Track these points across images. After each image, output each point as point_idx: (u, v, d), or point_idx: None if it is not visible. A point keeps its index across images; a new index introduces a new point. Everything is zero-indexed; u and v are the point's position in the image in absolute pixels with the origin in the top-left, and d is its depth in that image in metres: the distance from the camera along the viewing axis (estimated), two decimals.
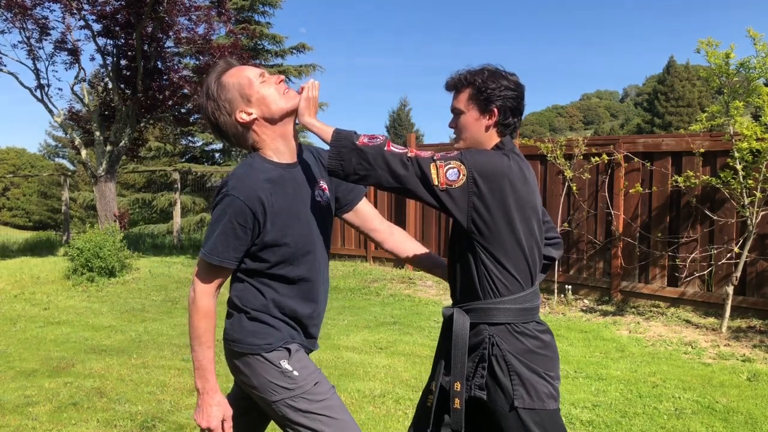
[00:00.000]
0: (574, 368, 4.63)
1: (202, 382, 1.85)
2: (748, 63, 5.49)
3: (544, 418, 1.82)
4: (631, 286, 6.76)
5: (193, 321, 1.84)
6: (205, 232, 1.83)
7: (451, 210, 1.82)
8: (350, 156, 1.79)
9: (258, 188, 1.81)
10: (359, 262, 9.43)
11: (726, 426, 3.58)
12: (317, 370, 1.92)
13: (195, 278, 1.86)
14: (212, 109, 1.91)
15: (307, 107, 1.89)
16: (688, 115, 42.86)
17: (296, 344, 1.92)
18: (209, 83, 1.92)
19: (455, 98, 1.97)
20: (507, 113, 1.93)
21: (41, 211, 45.21)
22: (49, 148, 52.48)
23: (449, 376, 1.89)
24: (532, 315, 1.89)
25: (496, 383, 1.84)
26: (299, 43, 22.78)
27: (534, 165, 7.66)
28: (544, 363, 1.86)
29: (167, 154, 23.07)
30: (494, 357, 1.84)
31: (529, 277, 1.89)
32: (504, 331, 1.85)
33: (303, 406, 1.84)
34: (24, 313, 6.64)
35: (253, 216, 1.80)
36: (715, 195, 6.16)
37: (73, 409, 3.84)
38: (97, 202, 10.88)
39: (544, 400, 1.82)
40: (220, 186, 1.85)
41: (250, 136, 1.91)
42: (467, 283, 1.89)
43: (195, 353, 1.85)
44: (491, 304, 1.85)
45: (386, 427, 3.56)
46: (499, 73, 1.94)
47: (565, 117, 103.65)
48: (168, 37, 10.77)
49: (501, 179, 1.81)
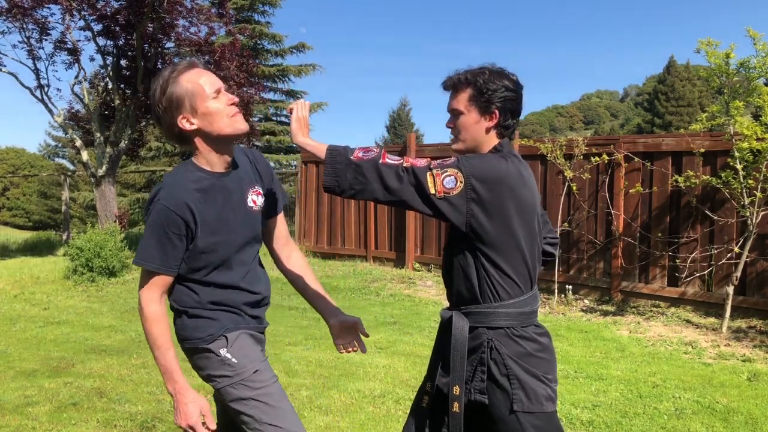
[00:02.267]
0: (574, 368, 4.62)
1: (172, 384, 1.88)
2: (748, 63, 5.49)
3: (543, 421, 1.82)
4: (632, 286, 6.75)
5: (146, 328, 1.88)
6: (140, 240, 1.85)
7: (449, 217, 1.80)
8: (345, 172, 1.78)
9: (187, 197, 1.84)
10: (359, 261, 9.43)
11: (726, 426, 3.58)
12: (260, 359, 1.95)
13: (140, 289, 1.89)
14: (158, 100, 1.89)
15: (300, 128, 1.90)
16: (689, 115, 42.82)
17: (238, 331, 1.95)
18: (165, 76, 1.89)
19: (454, 98, 1.94)
20: (507, 115, 1.91)
21: (41, 211, 45.18)
22: (49, 148, 52.48)
23: (446, 377, 1.89)
24: (531, 318, 1.89)
25: (495, 387, 1.84)
26: (299, 43, 22.78)
27: (534, 165, 7.66)
28: (543, 366, 1.86)
29: (167, 154, 23.06)
30: (493, 361, 1.84)
31: (529, 281, 1.89)
32: (503, 334, 1.85)
33: (243, 393, 1.88)
34: (24, 313, 6.63)
35: (184, 224, 1.84)
36: (715, 195, 6.16)
37: (73, 409, 3.84)
38: (97, 202, 10.87)
39: (542, 403, 1.82)
40: (152, 194, 1.88)
41: (192, 141, 1.92)
42: (466, 286, 1.88)
43: (157, 359, 1.88)
44: (491, 308, 1.85)
45: (386, 427, 3.56)
46: (500, 73, 1.91)
47: (565, 117, 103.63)
48: (168, 38, 10.77)
49: (499, 184, 1.80)
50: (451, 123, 1.96)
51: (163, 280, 1.88)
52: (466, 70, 1.94)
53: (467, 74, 1.92)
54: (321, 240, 10.30)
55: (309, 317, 6.34)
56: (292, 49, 22.65)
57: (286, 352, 4.97)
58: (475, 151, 1.93)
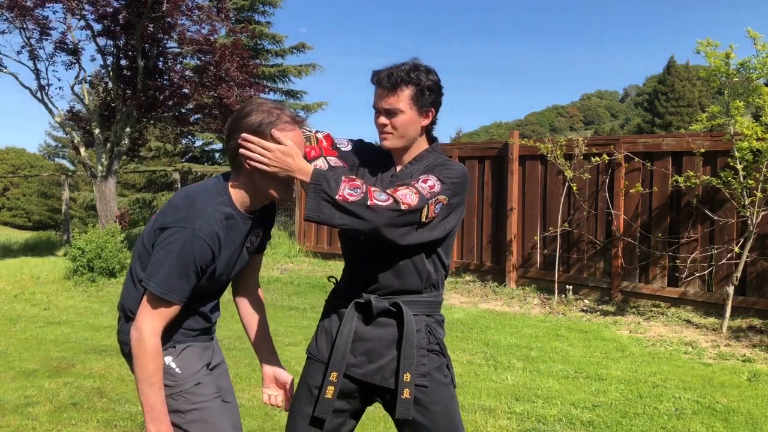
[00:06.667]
0: (574, 368, 4.62)
1: (157, 425, 1.74)
2: (748, 63, 5.49)
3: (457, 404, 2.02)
4: (632, 286, 6.75)
5: (142, 362, 1.73)
6: (154, 261, 1.78)
7: (428, 239, 1.82)
8: (330, 210, 1.68)
9: (220, 233, 1.78)
10: None
11: (726, 426, 3.58)
12: (204, 372, 1.91)
13: (143, 316, 1.75)
14: (238, 125, 1.78)
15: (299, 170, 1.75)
16: (689, 115, 42.83)
17: (186, 344, 1.91)
18: (271, 110, 1.78)
19: (393, 96, 1.87)
20: (437, 113, 1.96)
21: (41, 211, 45.20)
22: (49, 148, 52.52)
23: (373, 364, 1.95)
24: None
25: (435, 370, 1.99)
26: (299, 43, 22.75)
27: (534, 165, 7.66)
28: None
29: (167, 154, 23.06)
30: (437, 345, 1.97)
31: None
32: (434, 321, 1.98)
33: (181, 406, 1.84)
34: (24, 313, 6.63)
35: (212, 257, 1.79)
36: (715, 195, 6.16)
37: (73, 409, 3.84)
38: (98, 202, 10.88)
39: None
40: (178, 216, 1.76)
41: (240, 174, 1.83)
42: (414, 279, 1.93)
43: (145, 397, 1.74)
44: (432, 297, 1.96)
45: (386, 427, 3.56)
46: (431, 70, 1.91)
47: (565, 117, 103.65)
48: (170, 38, 10.77)
49: (463, 188, 1.89)
50: (385, 120, 1.90)
51: (174, 312, 1.78)
52: (400, 67, 1.89)
53: (408, 72, 1.87)
54: (321, 240, 10.30)
55: (309, 317, 6.33)
56: (292, 49, 22.64)
57: (286, 352, 4.96)
58: (407, 149, 1.96)
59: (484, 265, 8.16)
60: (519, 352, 5.06)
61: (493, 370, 4.61)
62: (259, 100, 1.82)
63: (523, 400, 3.97)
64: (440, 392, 1.92)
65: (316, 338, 2.04)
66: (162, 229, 1.77)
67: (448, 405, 1.94)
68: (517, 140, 7.77)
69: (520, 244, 7.81)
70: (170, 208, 1.81)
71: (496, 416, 3.71)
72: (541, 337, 5.53)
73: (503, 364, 4.75)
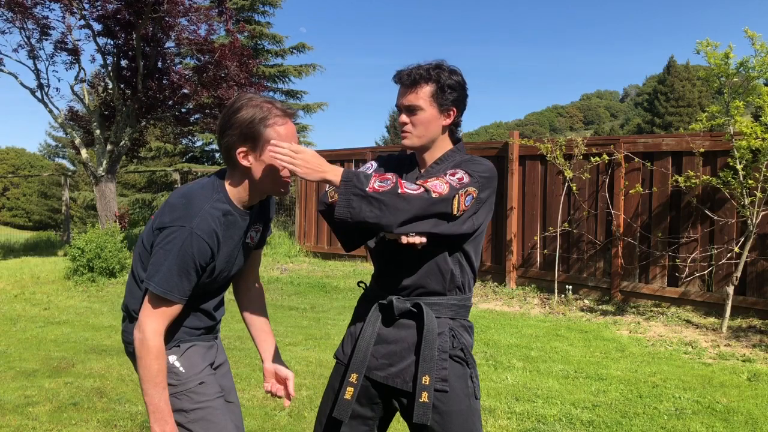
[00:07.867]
0: (574, 368, 4.63)
1: (161, 425, 1.74)
2: (748, 63, 5.49)
3: (479, 413, 1.93)
4: (632, 286, 6.76)
5: (146, 362, 1.72)
6: (153, 261, 1.77)
7: (457, 232, 1.77)
8: (360, 204, 1.65)
9: (218, 229, 1.78)
10: (359, 262, 9.43)
11: (726, 426, 3.58)
12: (207, 372, 1.92)
13: (145, 317, 1.75)
14: (230, 122, 1.79)
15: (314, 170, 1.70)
16: (688, 115, 42.87)
17: (191, 342, 1.92)
18: (261, 105, 1.78)
19: (413, 93, 1.86)
20: (460, 113, 1.92)
21: (41, 211, 45.22)
22: (49, 148, 52.53)
23: (394, 367, 1.91)
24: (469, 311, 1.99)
25: (456, 377, 1.94)
26: (299, 43, 22.78)
27: (534, 165, 7.66)
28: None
29: (167, 154, 23.07)
30: (460, 350, 1.91)
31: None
32: (460, 326, 1.92)
33: (185, 405, 1.84)
34: (24, 313, 6.63)
35: (211, 255, 1.79)
36: (715, 195, 6.16)
37: (73, 409, 3.84)
38: (98, 202, 10.88)
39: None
40: (176, 216, 1.75)
41: (236, 171, 1.83)
42: (438, 280, 1.88)
43: (150, 397, 1.73)
44: (457, 300, 1.90)
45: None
46: (455, 71, 1.90)
47: (565, 117, 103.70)
48: (168, 38, 10.77)
49: (491, 182, 1.84)
50: (407, 118, 1.88)
51: (176, 311, 1.78)
52: (422, 65, 1.88)
53: (428, 70, 1.86)
54: (321, 240, 10.30)
55: (309, 317, 6.34)
56: (292, 49, 22.66)
57: (286, 352, 4.97)
58: (427, 148, 1.92)
59: (484, 265, 8.16)
60: (519, 352, 5.06)
61: (493, 369, 4.61)
62: (248, 95, 1.82)
63: (523, 400, 3.97)
64: (461, 403, 1.84)
65: (342, 342, 2.03)
66: (160, 228, 1.77)
67: (468, 418, 1.84)
68: (517, 140, 7.77)
69: (520, 243, 7.81)
70: (168, 208, 1.80)
71: (496, 416, 3.71)
72: (541, 337, 5.53)
73: (503, 363, 4.75)
